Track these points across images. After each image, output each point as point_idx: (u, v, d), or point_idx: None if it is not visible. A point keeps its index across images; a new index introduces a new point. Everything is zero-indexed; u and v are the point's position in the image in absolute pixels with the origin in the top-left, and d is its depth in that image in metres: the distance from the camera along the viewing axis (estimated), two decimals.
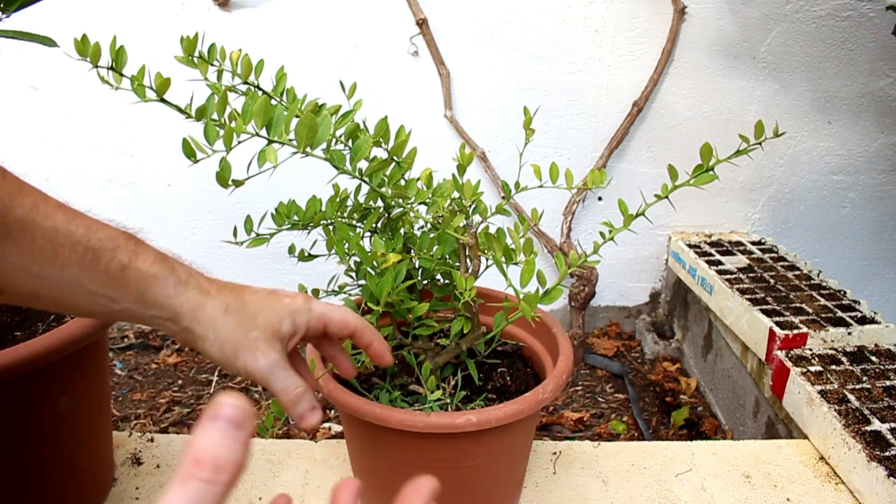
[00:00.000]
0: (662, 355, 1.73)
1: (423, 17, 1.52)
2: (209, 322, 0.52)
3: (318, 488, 0.96)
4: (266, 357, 0.53)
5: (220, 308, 0.52)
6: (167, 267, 0.51)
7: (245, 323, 0.53)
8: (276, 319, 0.54)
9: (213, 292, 0.53)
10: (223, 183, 0.72)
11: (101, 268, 0.48)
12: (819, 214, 1.78)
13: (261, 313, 0.54)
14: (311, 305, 0.57)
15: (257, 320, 0.53)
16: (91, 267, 0.48)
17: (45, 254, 0.46)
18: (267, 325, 0.54)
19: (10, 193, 0.46)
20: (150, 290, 0.50)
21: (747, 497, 0.98)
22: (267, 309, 0.54)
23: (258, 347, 0.53)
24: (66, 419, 0.80)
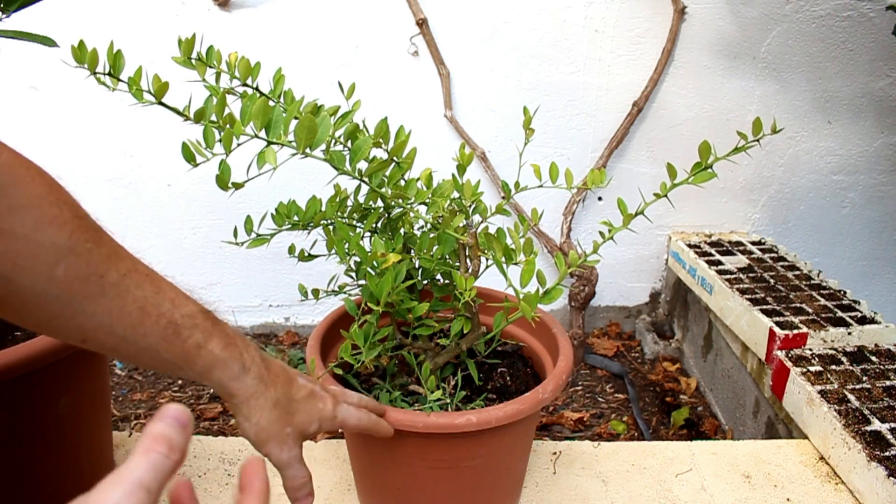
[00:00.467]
0: (662, 355, 1.73)
1: (423, 17, 1.52)
2: (257, 409, 0.59)
3: (318, 488, 0.96)
4: (290, 452, 0.62)
5: (270, 401, 0.59)
6: (236, 353, 0.57)
7: (285, 419, 0.61)
8: (308, 421, 0.63)
9: (269, 383, 0.59)
10: (223, 186, 0.72)
11: (179, 343, 0.53)
12: (819, 214, 1.78)
13: (298, 413, 0.62)
14: (336, 414, 0.66)
15: (294, 419, 0.62)
16: (170, 340, 0.52)
17: (131, 319, 0.50)
18: (300, 425, 0.62)
19: (107, 257, 0.49)
20: (215, 370, 0.56)
21: (747, 497, 0.98)
22: (304, 410, 0.63)
23: (286, 443, 0.61)
24: (66, 419, 0.80)
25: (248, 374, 0.57)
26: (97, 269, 0.48)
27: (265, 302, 1.78)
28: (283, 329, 1.81)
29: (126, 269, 0.50)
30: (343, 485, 0.97)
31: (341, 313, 0.92)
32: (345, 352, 0.77)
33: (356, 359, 0.77)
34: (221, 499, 0.94)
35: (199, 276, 1.75)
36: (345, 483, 0.97)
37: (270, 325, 1.81)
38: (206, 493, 0.95)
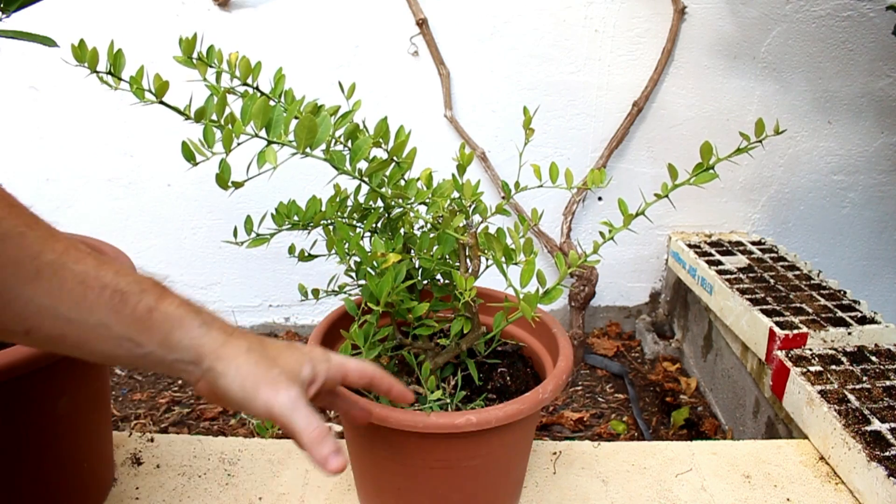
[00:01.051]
0: (662, 355, 1.73)
1: (423, 17, 1.52)
2: (231, 359, 0.52)
3: (318, 488, 0.96)
4: (288, 392, 0.53)
5: (242, 347, 0.53)
6: (192, 309, 0.52)
7: (266, 362, 0.54)
8: (296, 363, 0.56)
9: (237, 334, 0.54)
10: (223, 185, 0.72)
11: (128, 310, 0.49)
12: (819, 214, 1.78)
13: (281, 356, 0.55)
14: (329, 356, 0.59)
15: (278, 361, 0.55)
16: (118, 309, 0.49)
17: (74, 296, 0.47)
18: (288, 367, 0.55)
19: (42, 238, 0.47)
20: (174, 331, 0.51)
21: (747, 497, 0.98)
22: (286, 354, 0.56)
23: (280, 382, 0.53)
24: (66, 419, 0.80)
25: (210, 327, 0.53)
26: (30, 252, 0.46)
27: (265, 302, 1.78)
28: (283, 329, 1.81)
29: (63, 248, 0.48)
30: (343, 485, 0.97)
31: (341, 313, 0.92)
32: (345, 352, 0.77)
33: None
34: (221, 499, 0.94)
35: (199, 276, 1.75)
36: (345, 483, 0.97)
37: (270, 325, 1.81)
38: (207, 492, 0.95)
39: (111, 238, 0.99)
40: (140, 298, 0.50)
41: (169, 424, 1.43)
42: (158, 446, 1.03)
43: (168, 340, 0.51)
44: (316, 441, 0.53)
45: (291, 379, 0.54)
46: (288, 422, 0.53)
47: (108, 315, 0.48)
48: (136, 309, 0.49)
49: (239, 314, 1.79)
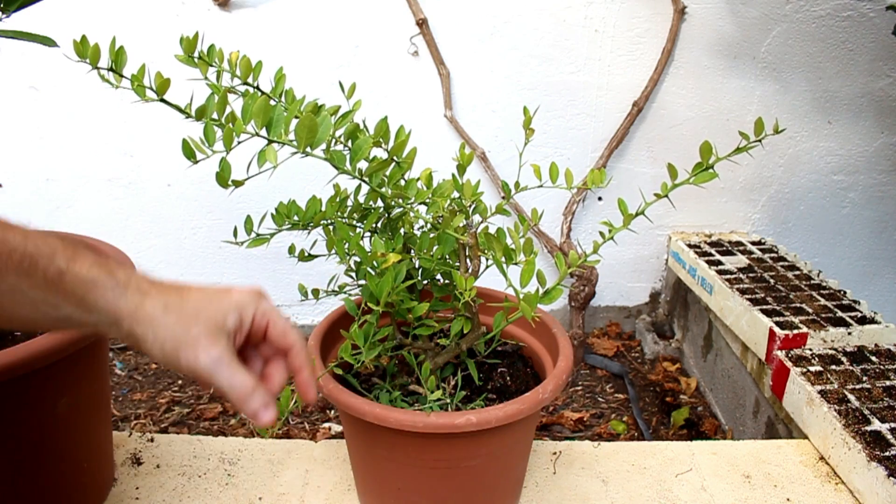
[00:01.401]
0: (662, 355, 1.73)
1: (423, 17, 1.52)
2: (148, 321, 0.51)
3: (318, 488, 0.96)
4: (207, 353, 0.51)
5: (159, 307, 0.51)
6: (105, 271, 0.51)
7: (185, 321, 0.51)
8: (221, 315, 0.53)
9: (154, 293, 0.52)
10: (223, 183, 0.72)
11: (40, 273, 0.48)
12: (819, 214, 1.78)
13: (204, 310, 0.53)
14: (260, 301, 0.56)
15: (199, 317, 0.52)
16: (29, 273, 0.47)
17: None
18: (210, 321, 0.52)
19: None
20: (89, 294, 0.50)
21: (747, 497, 0.98)
22: (212, 305, 0.53)
23: (199, 343, 0.51)
24: (66, 419, 0.80)
25: (126, 288, 0.51)
26: None
27: None
28: None
29: None
30: (343, 485, 0.97)
31: (341, 313, 0.92)
32: (345, 352, 0.77)
33: (356, 359, 0.77)
34: (221, 499, 0.94)
35: (199, 276, 1.74)
36: (345, 483, 0.97)
37: None
38: (207, 492, 0.95)
39: (111, 238, 0.99)
40: (51, 261, 0.48)
41: (169, 424, 1.43)
42: (158, 446, 1.03)
43: (84, 303, 0.50)
44: (243, 398, 0.52)
45: (214, 334, 0.52)
46: (212, 382, 0.52)
47: (19, 280, 0.47)
48: (46, 272, 0.48)
49: None
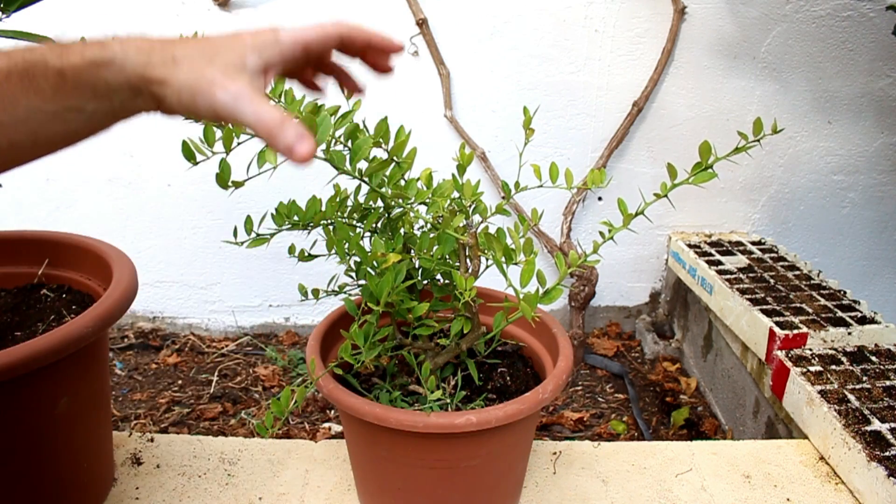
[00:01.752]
0: (662, 355, 1.73)
1: (423, 17, 1.52)
2: (159, 78, 0.47)
3: (318, 488, 0.96)
4: (225, 89, 0.47)
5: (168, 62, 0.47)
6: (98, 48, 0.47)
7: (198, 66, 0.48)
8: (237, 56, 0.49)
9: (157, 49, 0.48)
10: (223, 184, 0.72)
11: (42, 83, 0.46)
12: (819, 214, 1.78)
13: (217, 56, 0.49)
14: (278, 37, 0.52)
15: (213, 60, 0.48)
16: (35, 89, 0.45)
17: None
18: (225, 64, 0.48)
19: None
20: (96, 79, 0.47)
21: (747, 497, 0.98)
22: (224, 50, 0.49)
23: (215, 83, 0.47)
24: (66, 419, 0.80)
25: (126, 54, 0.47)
26: None
27: (265, 302, 1.78)
28: (283, 329, 1.81)
29: None
30: (343, 485, 0.97)
31: (341, 313, 0.92)
32: (345, 352, 0.77)
33: (356, 359, 0.77)
34: (221, 499, 0.94)
35: (199, 276, 1.75)
36: (345, 483, 0.97)
37: (270, 325, 1.81)
38: (206, 492, 0.95)
39: (111, 238, 0.99)
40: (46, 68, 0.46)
41: (169, 424, 1.43)
42: (158, 446, 1.03)
43: (97, 90, 0.47)
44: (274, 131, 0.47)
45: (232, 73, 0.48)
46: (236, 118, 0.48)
47: (30, 100, 0.45)
48: (48, 80, 0.46)
49: (239, 314, 1.79)
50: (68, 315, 0.89)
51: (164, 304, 1.78)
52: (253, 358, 1.69)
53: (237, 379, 1.60)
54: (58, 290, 0.96)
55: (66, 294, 0.95)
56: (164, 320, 1.80)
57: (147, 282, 1.74)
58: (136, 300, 0.90)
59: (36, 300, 0.94)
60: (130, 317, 1.80)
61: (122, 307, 0.81)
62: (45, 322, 0.89)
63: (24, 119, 0.46)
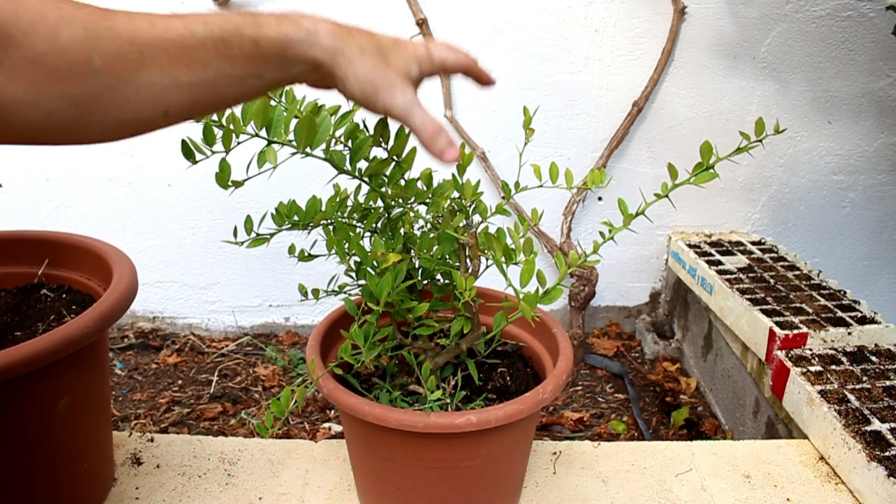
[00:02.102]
0: (662, 355, 1.73)
1: (423, 17, 1.52)
2: (347, 64, 0.55)
3: (318, 488, 0.96)
4: (404, 95, 0.57)
5: (356, 50, 0.55)
6: (292, 23, 0.53)
7: (381, 65, 0.56)
8: (406, 63, 0.58)
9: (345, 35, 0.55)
10: (223, 184, 0.72)
11: (236, 51, 0.50)
12: (819, 214, 1.78)
13: (392, 57, 0.58)
14: (431, 53, 0.61)
15: (390, 63, 0.57)
16: (228, 55, 0.50)
17: (184, 62, 0.48)
18: (399, 68, 0.58)
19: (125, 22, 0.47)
20: (286, 52, 0.52)
21: (747, 497, 0.98)
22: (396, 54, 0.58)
23: (396, 86, 0.57)
24: (65, 419, 0.80)
25: (318, 34, 0.54)
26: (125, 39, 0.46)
27: (265, 302, 1.78)
28: (283, 329, 1.81)
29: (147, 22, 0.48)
30: (343, 485, 0.97)
31: (341, 313, 0.92)
32: (345, 352, 0.77)
33: (356, 359, 0.77)
34: (221, 499, 0.94)
35: (199, 276, 1.75)
36: (345, 483, 0.97)
37: (270, 325, 1.81)
38: (206, 492, 0.95)
39: (111, 238, 0.99)
40: (241, 37, 0.50)
41: (169, 424, 1.43)
42: (158, 446, 1.03)
43: (283, 62, 0.53)
44: (433, 136, 0.58)
45: (405, 79, 0.58)
46: (406, 121, 0.58)
47: (221, 64, 0.50)
48: (242, 48, 0.50)
49: (239, 314, 1.79)
50: (68, 315, 0.89)
51: (164, 304, 1.78)
52: (253, 358, 1.69)
53: (237, 379, 1.60)
54: (58, 290, 0.96)
55: (66, 294, 0.95)
56: (164, 320, 1.80)
57: (147, 282, 1.74)
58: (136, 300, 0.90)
59: (36, 300, 0.94)
60: (130, 317, 1.80)
61: (122, 307, 0.81)
62: (45, 322, 0.89)
63: (212, 81, 0.50)
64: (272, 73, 0.53)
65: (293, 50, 0.53)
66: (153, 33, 0.47)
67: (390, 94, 0.57)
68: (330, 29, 0.55)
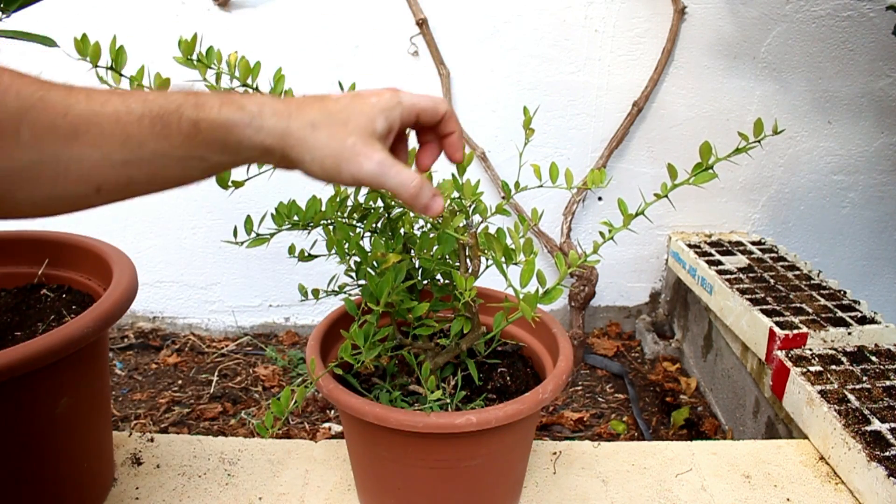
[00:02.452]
0: (662, 355, 1.73)
1: (423, 17, 1.52)
2: (300, 145, 0.51)
3: (318, 488, 0.96)
4: (370, 160, 0.52)
5: (307, 127, 0.51)
6: (236, 107, 0.49)
7: (338, 134, 0.51)
8: (368, 121, 0.53)
9: (294, 113, 0.51)
10: (223, 185, 0.72)
11: (175, 132, 0.48)
12: (819, 214, 1.78)
13: (350, 119, 0.52)
14: (400, 98, 0.56)
15: (348, 127, 0.52)
16: (165, 135, 0.47)
17: (118, 138, 0.46)
18: (360, 129, 0.52)
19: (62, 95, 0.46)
20: (229, 137, 0.49)
21: (747, 497, 0.98)
22: (355, 113, 0.53)
23: (358, 153, 0.51)
24: (65, 419, 0.80)
25: (262, 118, 0.50)
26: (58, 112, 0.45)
27: (265, 302, 1.78)
28: (283, 329, 1.81)
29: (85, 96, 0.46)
30: (343, 485, 0.97)
31: (341, 313, 0.92)
32: (345, 352, 0.77)
33: (356, 359, 0.77)
34: (221, 499, 0.94)
35: (199, 276, 1.75)
36: (345, 483, 0.97)
37: (270, 325, 1.81)
38: (206, 492, 0.95)
39: (111, 238, 0.99)
40: (180, 117, 0.48)
41: (169, 424, 1.43)
42: (158, 446, 1.03)
43: (227, 147, 0.50)
44: (414, 196, 0.54)
45: (369, 142, 0.52)
46: (381, 187, 0.53)
47: (159, 144, 0.47)
48: (181, 129, 0.48)
49: (239, 314, 1.79)
50: (68, 315, 0.89)
51: (164, 304, 1.78)
52: (253, 358, 1.69)
53: (237, 379, 1.60)
54: (58, 290, 0.96)
55: (66, 294, 0.95)
56: (164, 320, 1.80)
57: (147, 282, 1.74)
58: (136, 300, 0.90)
59: (36, 300, 0.94)
60: (130, 317, 1.80)
61: (122, 307, 0.81)
62: (45, 322, 0.89)
63: (147, 160, 0.48)
64: (217, 157, 0.50)
65: (237, 135, 0.49)
66: (89, 107, 0.46)
67: (355, 164, 0.51)
68: (275, 109, 0.50)
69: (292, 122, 0.50)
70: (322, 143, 0.51)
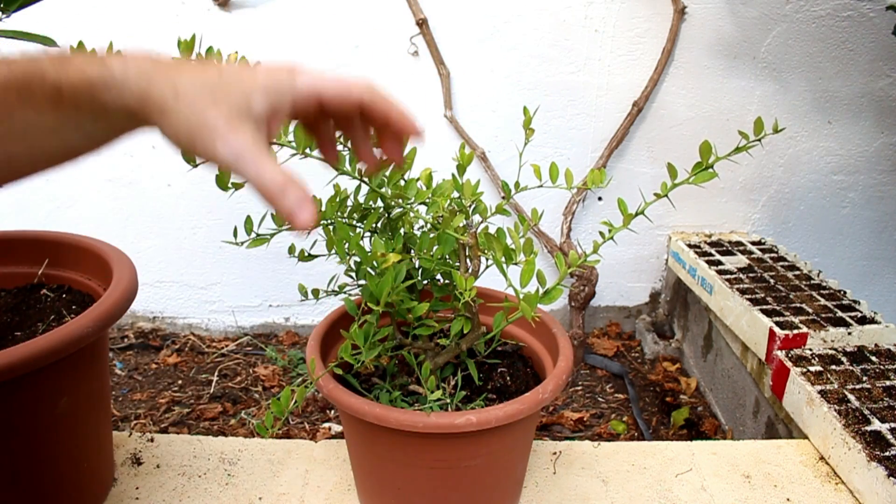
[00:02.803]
0: (662, 355, 1.73)
1: (423, 17, 1.52)
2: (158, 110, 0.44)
3: (318, 488, 0.96)
4: (226, 143, 0.43)
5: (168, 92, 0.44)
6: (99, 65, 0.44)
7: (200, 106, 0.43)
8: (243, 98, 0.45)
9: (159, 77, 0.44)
10: (223, 186, 0.72)
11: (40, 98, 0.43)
12: (819, 214, 1.78)
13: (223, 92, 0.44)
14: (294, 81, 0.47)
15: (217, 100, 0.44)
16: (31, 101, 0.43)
17: None
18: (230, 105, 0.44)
19: None
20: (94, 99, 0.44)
21: (747, 497, 0.98)
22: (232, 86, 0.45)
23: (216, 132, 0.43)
24: (65, 419, 0.80)
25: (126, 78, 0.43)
26: None
27: (265, 302, 1.78)
28: (283, 329, 1.81)
29: None
30: (343, 485, 0.97)
31: (341, 313, 0.92)
32: (345, 352, 0.77)
33: (356, 359, 0.77)
34: (221, 499, 0.94)
35: (199, 276, 1.75)
36: (345, 483, 0.97)
37: (270, 325, 1.81)
38: (206, 492, 0.95)
39: (111, 238, 0.99)
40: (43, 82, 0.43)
41: (169, 424, 1.43)
42: (158, 446, 1.03)
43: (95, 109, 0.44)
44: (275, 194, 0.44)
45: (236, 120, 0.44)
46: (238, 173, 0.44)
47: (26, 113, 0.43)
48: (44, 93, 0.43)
49: (239, 314, 1.79)
50: (68, 315, 0.89)
51: (164, 304, 1.78)
52: (253, 358, 1.69)
53: (237, 379, 1.60)
54: (58, 290, 0.96)
55: (66, 294, 0.95)
56: (164, 320, 1.80)
57: (147, 282, 1.74)
58: (136, 300, 0.90)
59: (36, 300, 0.94)
60: (130, 317, 1.80)
61: (122, 307, 0.81)
62: (45, 322, 0.89)
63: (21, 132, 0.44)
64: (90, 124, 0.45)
65: (100, 96, 0.43)
66: None
67: (210, 144, 0.43)
68: (141, 68, 0.44)
69: (153, 86, 0.44)
70: (182, 114, 0.43)
